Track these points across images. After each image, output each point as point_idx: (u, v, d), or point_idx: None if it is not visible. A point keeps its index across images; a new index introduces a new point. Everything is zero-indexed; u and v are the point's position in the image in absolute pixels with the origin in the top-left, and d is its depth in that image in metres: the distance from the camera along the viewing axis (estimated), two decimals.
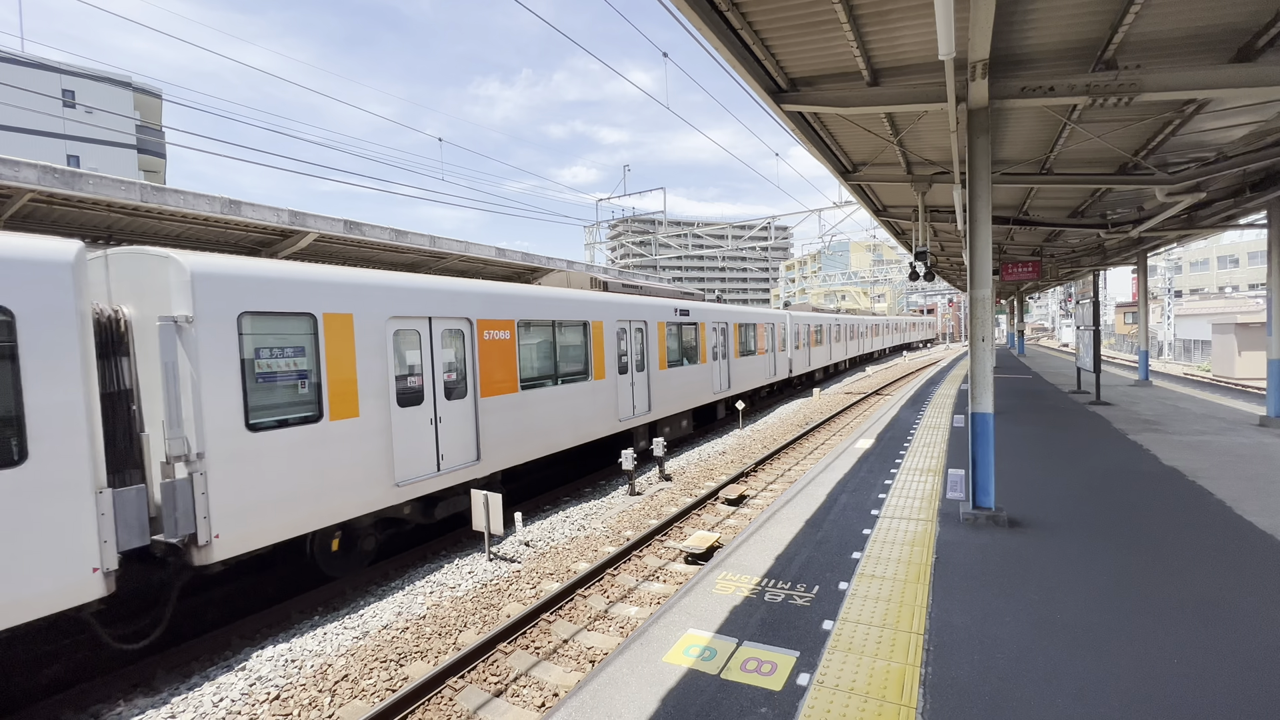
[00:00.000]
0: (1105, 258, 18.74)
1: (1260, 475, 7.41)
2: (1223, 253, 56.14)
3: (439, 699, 4.77)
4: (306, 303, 6.23)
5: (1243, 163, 8.11)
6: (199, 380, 5.31)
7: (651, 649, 4.02)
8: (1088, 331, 13.93)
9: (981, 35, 4.60)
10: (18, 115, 33.75)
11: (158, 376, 5.20)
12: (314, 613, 6.44)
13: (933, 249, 18.56)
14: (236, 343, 5.61)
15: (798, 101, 6.57)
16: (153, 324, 5.26)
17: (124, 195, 7.91)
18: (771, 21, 5.30)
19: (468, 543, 8.29)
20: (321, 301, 6.36)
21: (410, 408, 7.38)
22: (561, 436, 10.07)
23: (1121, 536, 5.57)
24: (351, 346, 6.65)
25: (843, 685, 3.50)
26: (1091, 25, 5.10)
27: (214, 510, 5.33)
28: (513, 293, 9.22)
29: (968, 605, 4.37)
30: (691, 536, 7.62)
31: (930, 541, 5.67)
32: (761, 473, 11.52)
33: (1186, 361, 38.56)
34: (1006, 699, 3.28)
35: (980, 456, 6.12)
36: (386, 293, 7.08)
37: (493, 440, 8.57)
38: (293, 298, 6.12)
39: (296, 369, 6.15)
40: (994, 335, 7.05)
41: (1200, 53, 5.48)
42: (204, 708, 4.73)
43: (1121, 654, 3.66)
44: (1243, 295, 48.34)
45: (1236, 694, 3.24)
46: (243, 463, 5.58)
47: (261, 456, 5.73)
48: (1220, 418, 11.66)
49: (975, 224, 6.05)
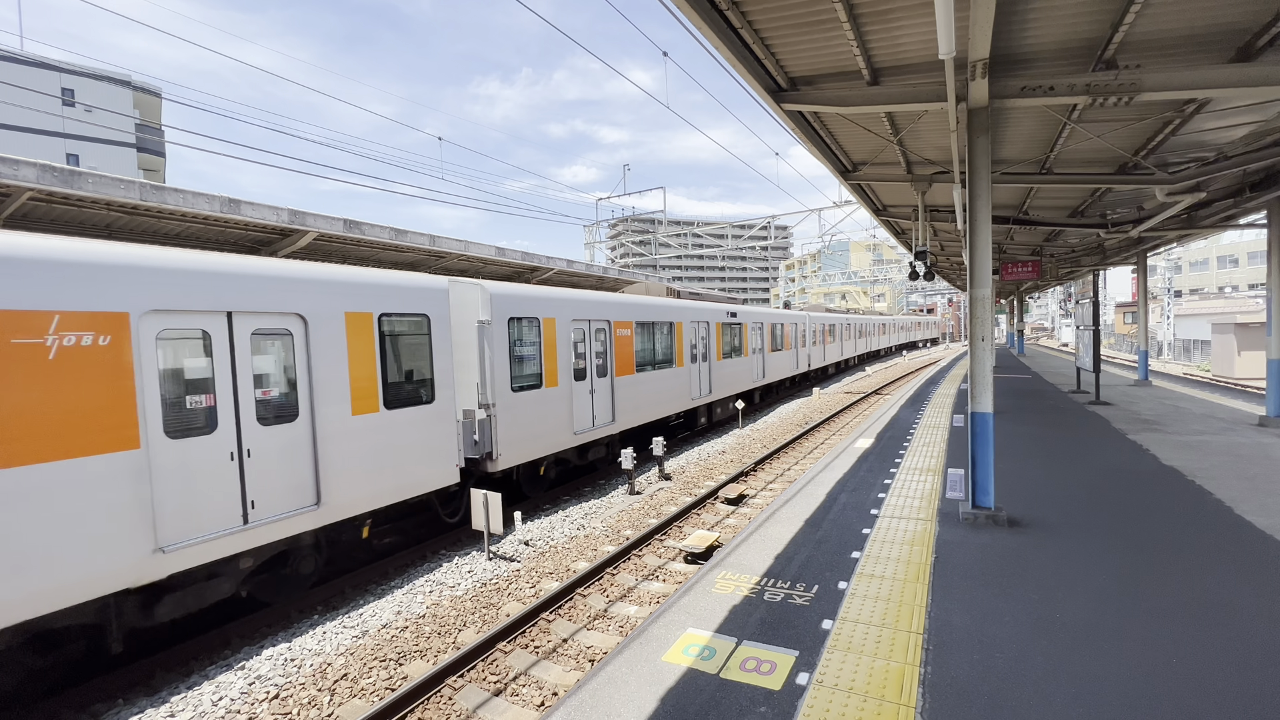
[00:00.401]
0: (1105, 257, 18.74)
1: (1259, 475, 7.41)
2: (1222, 252, 56.14)
3: (438, 698, 4.77)
4: (537, 311, 9.59)
5: (1243, 162, 8.11)
6: (492, 358, 8.67)
7: (651, 648, 4.02)
8: (1087, 331, 13.93)
9: (982, 34, 4.59)
10: (17, 114, 33.72)
11: (471, 356, 8.70)
12: (313, 612, 6.44)
13: (932, 248, 18.56)
14: (506, 336, 8.93)
15: (798, 101, 6.57)
16: (468, 324, 8.64)
17: (123, 194, 7.89)
18: (771, 20, 5.29)
19: (467, 542, 8.29)
20: (544, 311, 9.72)
21: (579, 382, 10.60)
22: (657, 409, 13.36)
23: (1121, 536, 5.57)
24: (554, 340, 9.94)
25: (842, 684, 3.50)
26: (1092, 25, 5.09)
27: (499, 439, 8.71)
28: (633, 301, 12.61)
29: (967, 605, 4.37)
30: (691, 536, 7.62)
31: (930, 541, 5.67)
32: (761, 472, 11.52)
33: (1186, 361, 38.57)
34: (1006, 698, 3.28)
35: (980, 456, 6.12)
36: (570, 304, 10.40)
37: (621, 408, 11.85)
38: (532, 309, 9.48)
39: (531, 353, 9.49)
40: (994, 335, 7.09)
41: (1200, 52, 5.48)
42: (203, 706, 4.73)
43: (1120, 653, 3.66)
44: (1242, 295, 48.35)
45: (1235, 693, 3.24)
46: (510, 411, 8.97)
47: (518, 408, 9.12)
48: (1220, 418, 11.66)
49: (975, 223, 6.05)
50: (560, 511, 9.46)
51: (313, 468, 6.25)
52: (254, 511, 5.72)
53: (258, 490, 5.76)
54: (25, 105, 32.93)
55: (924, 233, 10.95)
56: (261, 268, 5.97)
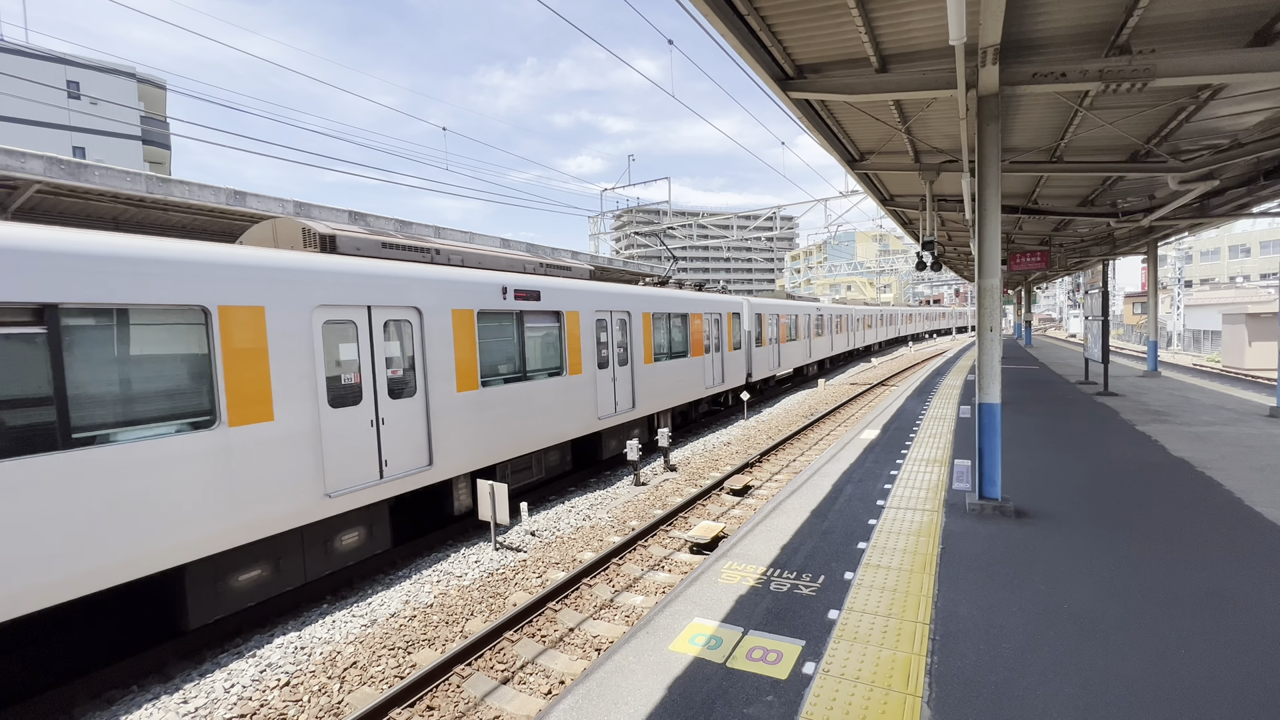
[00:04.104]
0: (1115, 247, 18.53)
1: (1270, 466, 7.35)
2: (1234, 242, 55.43)
3: (447, 686, 4.82)
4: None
5: (1257, 150, 7.97)
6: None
7: (657, 638, 4.05)
8: (1096, 322, 13.79)
9: (993, 20, 4.51)
10: (23, 107, 33.80)
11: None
12: (323, 601, 6.51)
13: (940, 239, 18.42)
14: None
15: (805, 89, 6.49)
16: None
17: (130, 187, 7.91)
18: (778, 7, 5.22)
19: (474, 532, 8.34)
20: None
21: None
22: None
23: (1128, 527, 5.55)
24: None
25: (848, 674, 3.51)
26: (1105, 9, 5.00)
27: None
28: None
29: (974, 595, 4.36)
30: (697, 526, 7.64)
31: (936, 532, 5.66)
32: (766, 463, 11.52)
33: (1196, 352, 38.22)
34: (1012, 688, 3.28)
35: (987, 447, 6.10)
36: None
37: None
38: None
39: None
40: (1001, 325, 7.15)
41: (1216, 37, 5.37)
42: (215, 693, 4.79)
43: (1128, 644, 3.65)
44: (1254, 285, 47.76)
45: (1243, 684, 3.23)
46: (758, 357, 17.41)
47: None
48: (1229, 409, 11.57)
49: (984, 213, 5.98)
50: (566, 502, 9.50)
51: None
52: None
53: None
54: (31, 98, 32.99)
55: (931, 222, 10.86)
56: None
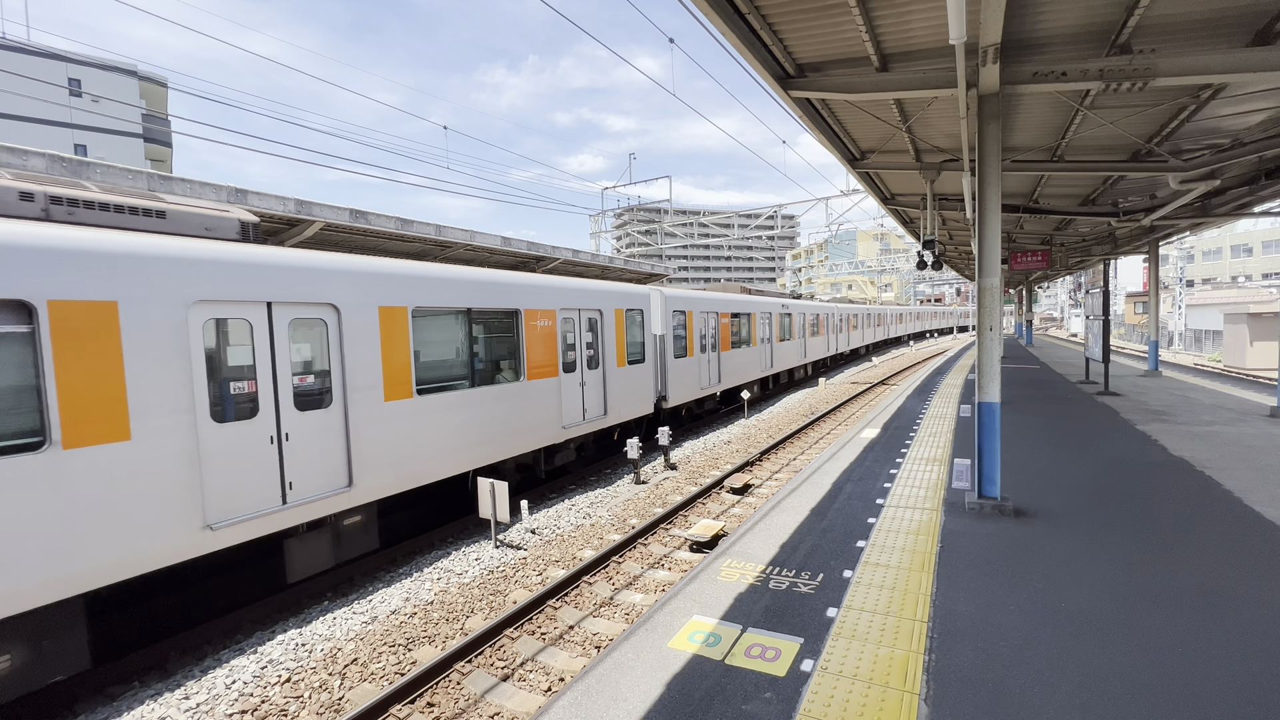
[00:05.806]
0: (1116, 246, 18.51)
1: (1270, 466, 7.36)
2: (1236, 241, 55.33)
3: (447, 682, 4.84)
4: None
5: (1259, 149, 7.96)
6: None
7: (657, 635, 4.06)
8: (1097, 321, 13.79)
9: (994, 19, 4.52)
10: (25, 104, 33.80)
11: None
12: (323, 598, 6.53)
13: (941, 238, 18.41)
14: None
15: (805, 88, 6.49)
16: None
17: (131, 184, 7.92)
18: (779, 6, 5.22)
19: (475, 530, 8.36)
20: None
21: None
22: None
23: (1128, 526, 5.56)
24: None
25: (846, 671, 3.52)
26: (1106, 8, 5.00)
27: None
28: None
29: (972, 593, 4.38)
30: (696, 525, 7.65)
31: (935, 530, 5.67)
32: (766, 462, 11.54)
33: (1197, 352, 38.16)
34: (1009, 686, 3.30)
35: (986, 446, 6.11)
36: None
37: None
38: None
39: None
40: (1002, 324, 7.13)
41: (1218, 36, 5.37)
42: (217, 689, 4.82)
43: (1125, 642, 3.67)
44: (1256, 285, 47.73)
45: (1241, 683, 3.24)
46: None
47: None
48: (1230, 408, 11.57)
49: (985, 212, 5.98)
50: (566, 500, 9.52)
51: None
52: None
53: None
54: (32, 95, 32.99)
55: (932, 222, 10.84)
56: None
